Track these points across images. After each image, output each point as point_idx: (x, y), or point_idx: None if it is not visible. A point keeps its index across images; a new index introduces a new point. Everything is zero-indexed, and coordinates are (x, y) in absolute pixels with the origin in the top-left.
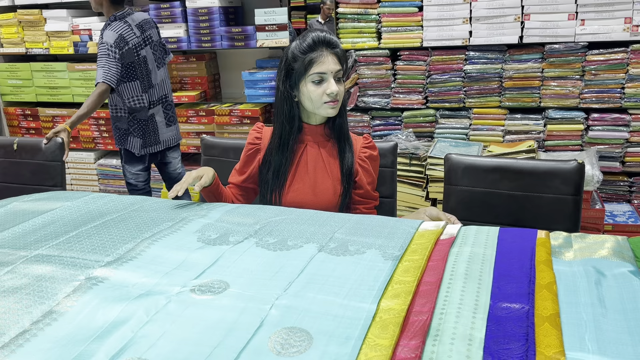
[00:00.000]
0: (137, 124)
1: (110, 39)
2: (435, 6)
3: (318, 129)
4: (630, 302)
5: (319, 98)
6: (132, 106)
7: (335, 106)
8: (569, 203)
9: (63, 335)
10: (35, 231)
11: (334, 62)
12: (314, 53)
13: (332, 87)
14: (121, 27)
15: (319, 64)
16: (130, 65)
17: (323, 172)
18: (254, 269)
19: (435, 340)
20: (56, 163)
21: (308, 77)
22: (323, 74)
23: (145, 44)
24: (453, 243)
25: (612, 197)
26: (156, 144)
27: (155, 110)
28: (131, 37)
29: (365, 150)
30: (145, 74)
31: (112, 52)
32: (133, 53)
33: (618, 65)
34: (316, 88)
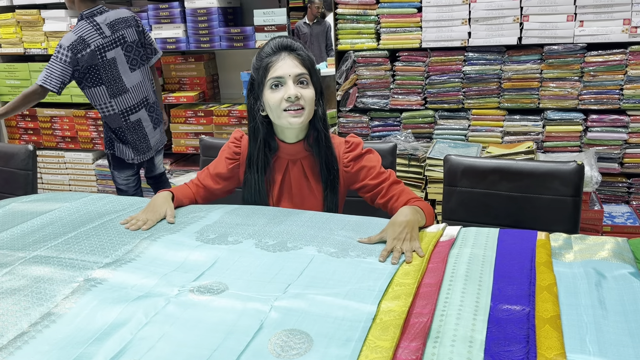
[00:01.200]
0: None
1: (66, 42)
2: (434, 7)
3: (296, 146)
4: (631, 304)
5: (277, 105)
6: (103, 114)
7: (298, 115)
8: (568, 204)
9: (61, 338)
10: (33, 232)
11: (294, 65)
12: (272, 57)
13: (290, 90)
14: (84, 28)
15: (276, 67)
16: (93, 69)
17: (307, 190)
18: (253, 271)
19: (435, 342)
20: (27, 172)
21: (267, 84)
22: (280, 78)
23: (115, 45)
24: (453, 244)
25: (611, 199)
26: (148, 150)
27: (141, 115)
28: (94, 39)
29: (347, 155)
30: (113, 78)
31: (62, 55)
32: (96, 55)
33: (617, 66)
34: (274, 94)
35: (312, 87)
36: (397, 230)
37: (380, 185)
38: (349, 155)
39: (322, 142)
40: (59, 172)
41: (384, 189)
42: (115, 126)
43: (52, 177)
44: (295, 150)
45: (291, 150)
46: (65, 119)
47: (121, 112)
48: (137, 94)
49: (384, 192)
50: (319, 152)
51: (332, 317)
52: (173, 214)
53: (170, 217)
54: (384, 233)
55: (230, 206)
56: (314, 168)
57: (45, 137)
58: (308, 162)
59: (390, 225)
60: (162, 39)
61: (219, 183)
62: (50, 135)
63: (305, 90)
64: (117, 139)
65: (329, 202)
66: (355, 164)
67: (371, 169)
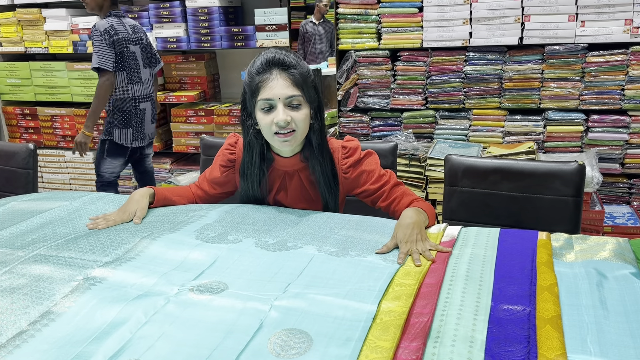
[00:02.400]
0: (122, 115)
1: (101, 27)
2: (436, 7)
3: (292, 160)
4: (632, 304)
5: (268, 129)
6: (118, 97)
7: (288, 139)
8: (569, 204)
9: (60, 336)
10: (33, 231)
11: (285, 86)
12: (262, 76)
13: (279, 115)
14: (113, 21)
15: (266, 88)
16: (119, 55)
17: (306, 200)
18: (253, 270)
19: (436, 342)
20: (27, 171)
21: (257, 104)
22: (270, 101)
23: (135, 43)
24: (454, 245)
25: (612, 199)
26: (142, 138)
27: (146, 106)
28: (121, 31)
29: (345, 162)
30: (133, 67)
31: (102, 38)
32: (122, 44)
33: (618, 66)
34: (264, 116)
35: (305, 107)
36: (407, 233)
37: (381, 188)
38: (347, 161)
39: (316, 156)
40: (59, 171)
41: (385, 192)
42: (125, 108)
43: (52, 176)
44: (291, 163)
45: (287, 163)
46: (65, 118)
47: (134, 98)
48: (146, 88)
49: (385, 195)
50: (314, 166)
51: (332, 316)
52: (142, 215)
53: (137, 219)
54: (395, 239)
55: (230, 205)
56: (310, 177)
57: (45, 136)
58: (305, 173)
59: (399, 228)
60: (163, 38)
61: (215, 189)
62: (51, 135)
63: (296, 112)
64: (120, 123)
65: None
66: (355, 170)
67: (370, 173)
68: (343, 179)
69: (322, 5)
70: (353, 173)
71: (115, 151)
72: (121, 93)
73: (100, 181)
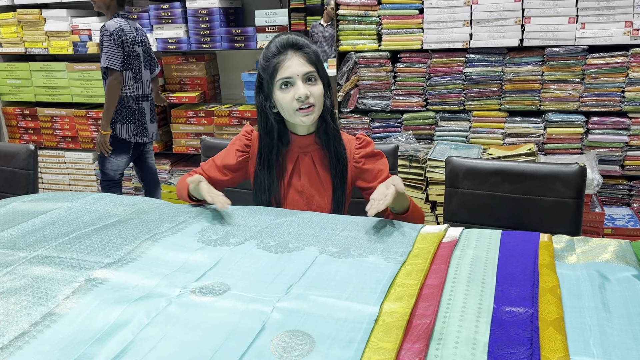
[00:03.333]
0: (126, 111)
1: (110, 28)
2: (436, 9)
3: (306, 139)
4: (635, 307)
5: (289, 105)
6: (124, 94)
7: (310, 113)
8: (570, 206)
9: (62, 338)
10: (34, 232)
11: (301, 64)
12: (279, 57)
13: (300, 90)
14: (121, 22)
15: (284, 68)
16: (126, 55)
17: (317, 183)
18: (255, 271)
19: (439, 344)
20: (28, 171)
21: (276, 84)
22: (289, 78)
23: (139, 44)
24: (455, 246)
25: (612, 201)
26: (145, 135)
27: (146, 105)
28: (129, 31)
29: (359, 152)
30: (137, 67)
31: (111, 38)
32: (130, 45)
33: (618, 68)
34: (284, 94)
35: (319, 83)
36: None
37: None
38: (360, 151)
39: (330, 133)
40: (59, 172)
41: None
42: (129, 105)
43: (52, 176)
44: (306, 143)
45: (303, 142)
46: (65, 119)
47: (137, 96)
48: (147, 88)
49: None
50: (328, 143)
51: (334, 318)
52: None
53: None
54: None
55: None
56: (323, 160)
57: (45, 137)
58: (317, 154)
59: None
60: (164, 39)
61: (227, 175)
62: (51, 135)
63: (314, 87)
64: (123, 118)
65: (338, 195)
66: (367, 162)
67: (380, 172)
68: (353, 167)
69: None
70: (365, 164)
71: (119, 147)
72: (127, 91)
73: (105, 180)
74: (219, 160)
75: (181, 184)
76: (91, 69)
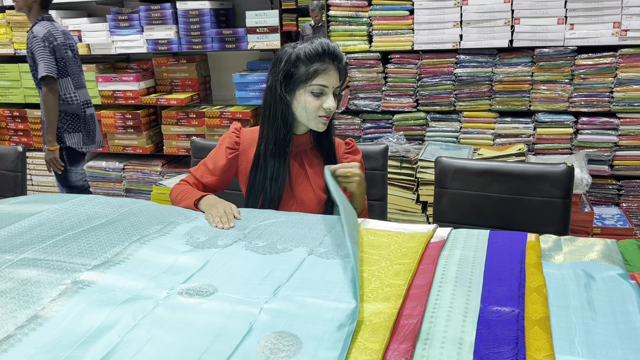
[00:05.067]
0: (71, 120)
1: (39, 34)
2: (426, 10)
3: (302, 138)
4: (620, 305)
5: (315, 111)
6: (69, 102)
7: (327, 122)
8: (558, 206)
9: (48, 341)
10: (21, 234)
11: (337, 78)
12: (321, 64)
13: (331, 102)
14: (47, 26)
15: (324, 76)
16: (62, 61)
17: (306, 183)
18: (243, 273)
19: (425, 344)
20: (16, 173)
21: (309, 87)
22: (325, 87)
23: (70, 48)
24: (443, 246)
25: (601, 200)
26: (92, 143)
27: (92, 111)
28: (59, 36)
29: (347, 156)
30: (76, 72)
31: (43, 44)
32: (62, 50)
33: (607, 69)
34: (314, 100)
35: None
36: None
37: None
38: (349, 157)
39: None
40: (49, 174)
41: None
42: (74, 112)
43: (42, 178)
44: (300, 142)
45: (298, 141)
46: None
47: (81, 103)
48: (87, 93)
49: None
50: (322, 143)
51: (321, 319)
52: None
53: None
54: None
55: None
56: (312, 161)
57: (35, 139)
58: (308, 155)
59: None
60: (154, 40)
61: (221, 177)
62: (41, 137)
63: (337, 100)
64: (69, 127)
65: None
66: None
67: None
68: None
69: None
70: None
71: (73, 157)
72: (70, 99)
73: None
74: (211, 163)
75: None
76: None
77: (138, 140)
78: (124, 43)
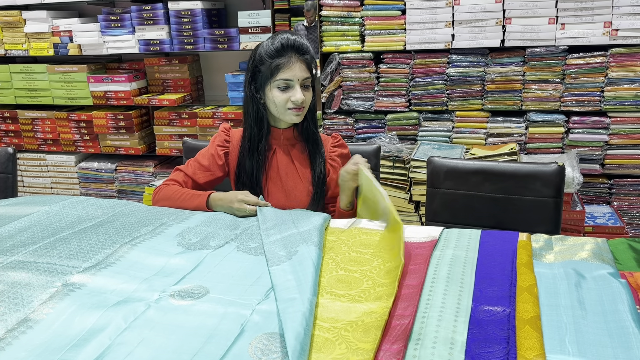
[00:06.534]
0: None
1: None
2: (418, 10)
3: (286, 132)
4: (610, 304)
5: (283, 104)
6: None
7: (300, 113)
8: (549, 205)
9: (38, 344)
10: (11, 237)
11: (302, 70)
12: (282, 58)
13: (297, 95)
14: None
15: (286, 70)
16: None
17: (294, 176)
18: (235, 274)
19: (417, 344)
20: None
21: (274, 82)
22: (289, 81)
23: None
24: (435, 246)
25: (593, 199)
26: None
27: None
28: None
29: (334, 150)
30: None
31: None
32: None
33: (597, 68)
34: (281, 94)
35: (311, 89)
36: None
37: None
38: (336, 150)
39: (311, 128)
40: (40, 175)
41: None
42: None
43: (33, 180)
44: (285, 137)
45: (282, 135)
46: (47, 121)
47: None
48: None
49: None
50: (307, 137)
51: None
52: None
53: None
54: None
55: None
56: (300, 155)
57: (26, 140)
58: (295, 148)
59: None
60: (146, 41)
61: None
62: (32, 138)
63: (307, 93)
64: None
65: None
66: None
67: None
68: (329, 163)
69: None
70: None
71: None
72: None
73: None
74: (205, 161)
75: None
76: (72, 71)
77: (130, 141)
78: (115, 43)
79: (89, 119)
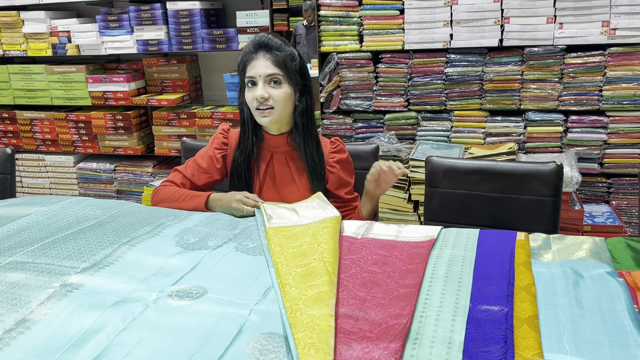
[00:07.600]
0: None
1: None
2: (417, 9)
3: (280, 139)
4: (607, 303)
5: (251, 104)
6: None
7: (268, 115)
8: (548, 204)
9: (36, 345)
10: (9, 237)
11: (266, 66)
12: (250, 55)
13: (258, 91)
14: None
15: (250, 67)
16: None
17: (291, 183)
18: (233, 274)
19: (415, 343)
20: (5, 175)
21: (244, 82)
22: (252, 78)
23: None
24: (433, 245)
25: (591, 198)
26: None
27: None
28: None
29: (333, 156)
30: None
31: None
32: None
33: (596, 68)
34: (249, 93)
35: (285, 86)
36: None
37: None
38: (335, 156)
39: (306, 136)
40: (39, 176)
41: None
42: None
43: (32, 180)
44: (278, 143)
45: (275, 142)
46: (45, 122)
47: None
48: None
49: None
50: (301, 145)
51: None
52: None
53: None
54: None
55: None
56: (297, 161)
57: (25, 140)
58: (291, 155)
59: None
60: (144, 41)
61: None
62: (30, 138)
63: (276, 90)
64: None
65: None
66: (339, 169)
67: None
68: (327, 169)
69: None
70: (333, 169)
71: None
72: None
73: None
74: (203, 162)
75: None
76: (71, 71)
77: (129, 141)
78: (113, 44)
79: (87, 119)
